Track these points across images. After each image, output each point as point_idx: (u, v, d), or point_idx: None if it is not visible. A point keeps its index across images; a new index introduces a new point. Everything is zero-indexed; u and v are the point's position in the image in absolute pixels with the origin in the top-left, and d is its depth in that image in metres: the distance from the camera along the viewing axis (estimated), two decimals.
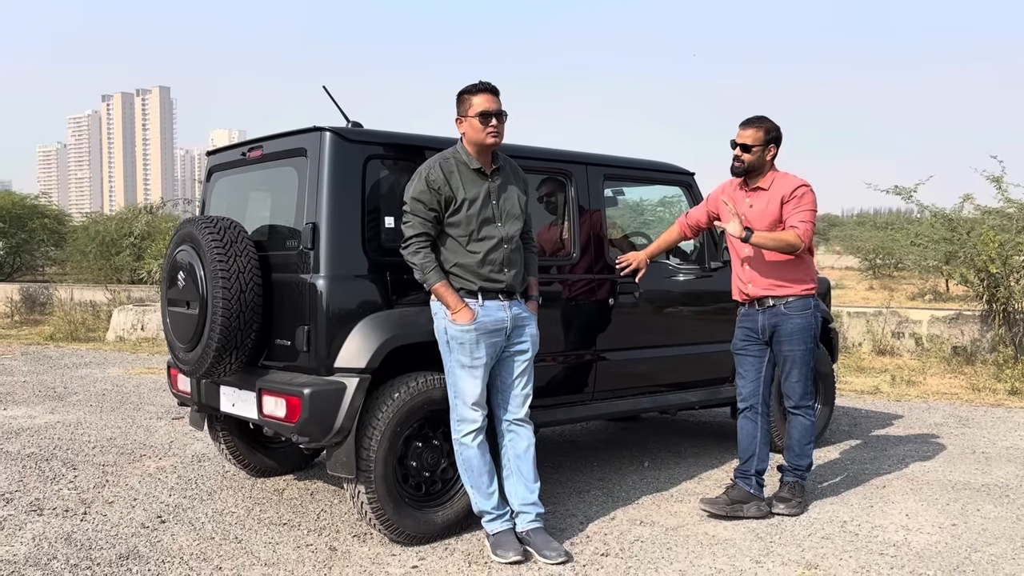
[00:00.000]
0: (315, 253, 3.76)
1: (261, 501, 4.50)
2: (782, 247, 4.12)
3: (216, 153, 4.71)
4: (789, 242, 4.11)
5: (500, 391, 3.81)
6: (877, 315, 10.58)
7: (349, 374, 3.70)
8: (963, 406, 7.42)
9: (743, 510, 4.22)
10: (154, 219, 18.95)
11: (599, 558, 3.71)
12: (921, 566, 3.63)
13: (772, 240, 4.12)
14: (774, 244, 4.12)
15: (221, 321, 3.80)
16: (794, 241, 4.10)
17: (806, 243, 4.13)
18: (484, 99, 3.65)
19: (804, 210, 4.16)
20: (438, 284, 3.64)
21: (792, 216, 4.16)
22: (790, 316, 4.22)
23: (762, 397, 4.35)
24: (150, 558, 3.68)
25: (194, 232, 3.98)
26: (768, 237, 4.11)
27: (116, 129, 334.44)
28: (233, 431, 4.76)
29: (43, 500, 4.50)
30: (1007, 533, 4.05)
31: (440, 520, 3.91)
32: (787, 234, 4.12)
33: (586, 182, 4.68)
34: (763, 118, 4.29)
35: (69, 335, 12.39)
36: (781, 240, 4.12)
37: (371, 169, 3.89)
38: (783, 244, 4.12)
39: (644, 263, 4.69)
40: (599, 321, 4.65)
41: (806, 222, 4.14)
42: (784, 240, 4.11)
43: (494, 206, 3.71)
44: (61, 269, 22.41)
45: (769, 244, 4.13)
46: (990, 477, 5.04)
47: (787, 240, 4.11)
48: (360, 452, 3.70)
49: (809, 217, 4.16)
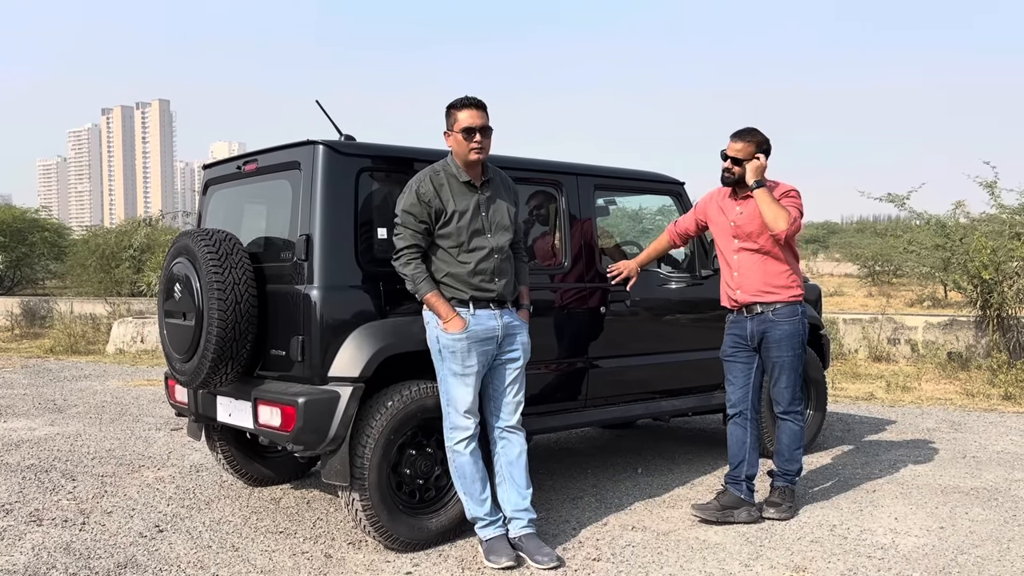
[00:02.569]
0: (309, 264, 3.82)
1: (258, 510, 4.55)
2: (775, 211, 4.15)
3: (212, 167, 4.79)
4: (783, 213, 4.14)
5: (492, 399, 3.87)
6: (873, 321, 10.65)
7: (343, 383, 3.76)
8: (956, 411, 7.47)
9: (734, 515, 4.27)
10: (154, 232, 19.06)
11: (591, 563, 3.75)
12: (908, 568, 3.68)
13: (771, 203, 4.16)
14: (771, 205, 4.15)
15: (217, 332, 3.86)
16: (785, 215, 4.14)
17: (792, 228, 4.17)
18: (469, 114, 3.72)
19: (793, 206, 4.25)
20: (429, 294, 3.71)
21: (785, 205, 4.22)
22: (778, 322, 4.29)
23: (751, 403, 4.40)
24: (148, 567, 3.73)
25: (190, 244, 4.04)
26: (770, 199, 4.17)
27: (116, 142, 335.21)
28: (230, 441, 4.82)
29: (42, 510, 4.55)
30: (994, 535, 4.10)
31: (434, 527, 3.96)
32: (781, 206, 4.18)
33: (576, 192, 4.74)
34: (753, 130, 4.35)
35: (69, 348, 12.45)
36: (779, 207, 4.16)
37: (363, 181, 3.96)
38: (778, 209, 4.15)
39: (635, 271, 4.76)
40: (591, 329, 4.71)
41: (795, 210, 4.23)
42: (780, 209, 4.15)
43: (484, 218, 3.78)
44: (61, 282, 22.49)
45: (768, 203, 4.16)
46: (979, 481, 5.09)
47: (783, 211, 4.15)
48: (354, 460, 3.76)
49: (796, 213, 4.24)
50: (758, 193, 4.19)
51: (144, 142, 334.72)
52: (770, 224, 4.16)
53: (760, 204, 4.19)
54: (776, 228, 4.15)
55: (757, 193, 4.20)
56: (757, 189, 4.20)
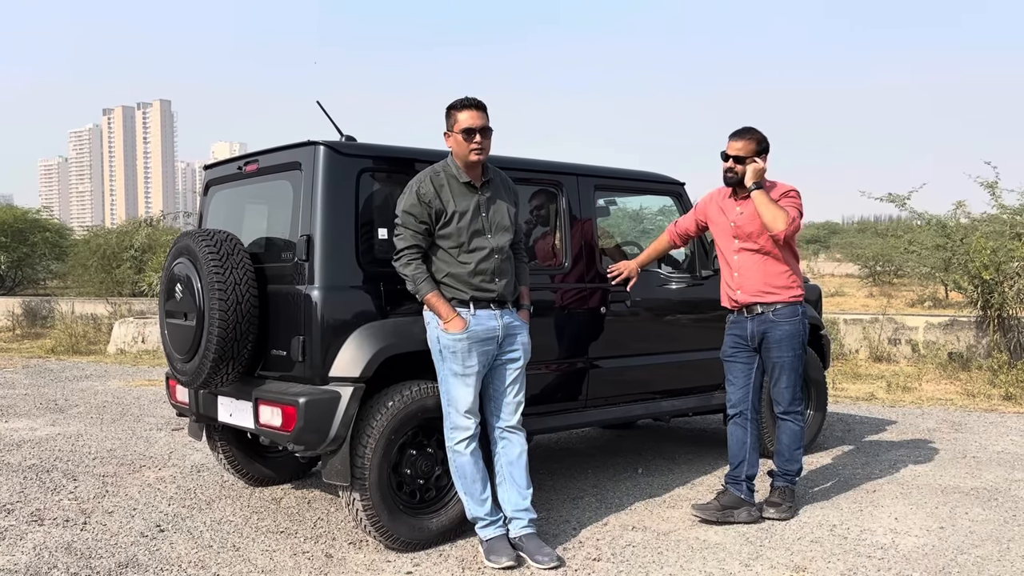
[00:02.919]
0: (310, 264, 3.83)
1: (259, 510, 4.56)
2: (774, 211, 4.16)
3: (213, 167, 4.79)
4: (781, 213, 4.16)
5: (493, 399, 3.88)
6: (874, 322, 10.65)
7: (344, 383, 3.77)
8: (957, 411, 7.47)
9: (734, 515, 4.28)
10: (155, 232, 19.06)
11: (591, 563, 3.76)
12: (907, 568, 3.68)
13: (768, 204, 4.18)
14: (769, 206, 4.17)
15: (218, 332, 3.87)
16: (783, 216, 4.15)
17: (790, 228, 4.18)
18: (469, 115, 3.73)
19: (792, 206, 4.26)
20: (430, 294, 3.72)
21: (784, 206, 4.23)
22: (778, 323, 4.29)
23: (751, 403, 4.41)
24: (149, 566, 3.74)
25: (191, 245, 4.05)
26: (767, 200, 4.19)
27: (117, 142, 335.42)
28: (231, 441, 4.83)
29: (44, 510, 4.56)
30: (994, 535, 4.10)
31: (434, 526, 3.96)
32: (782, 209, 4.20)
33: (577, 192, 4.75)
34: (752, 129, 4.36)
35: (70, 348, 12.47)
36: (777, 208, 4.18)
37: (364, 182, 3.97)
38: (776, 210, 4.17)
39: (635, 272, 4.76)
40: (591, 329, 4.71)
41: (794, 210, 4.24)
42: (779, 210, 4.17)
43: (484, 218, 3.79)
44: (62, 282, 22.50)
45: (766, 204, 4.18)
46: (980, 481, 5.10)
47: (781, 211, 4.17)
48: (355, 460, 3.76)
49: (795, 213, 4.24)
50: (756, 195, 4.21)
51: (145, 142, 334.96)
52: (769, 225, 4.17)
53: (758, 206, 4.20)
54: (775, 229, 4.16)
55: (755, 195, 4.21)
56: (755, 191, 4.21)
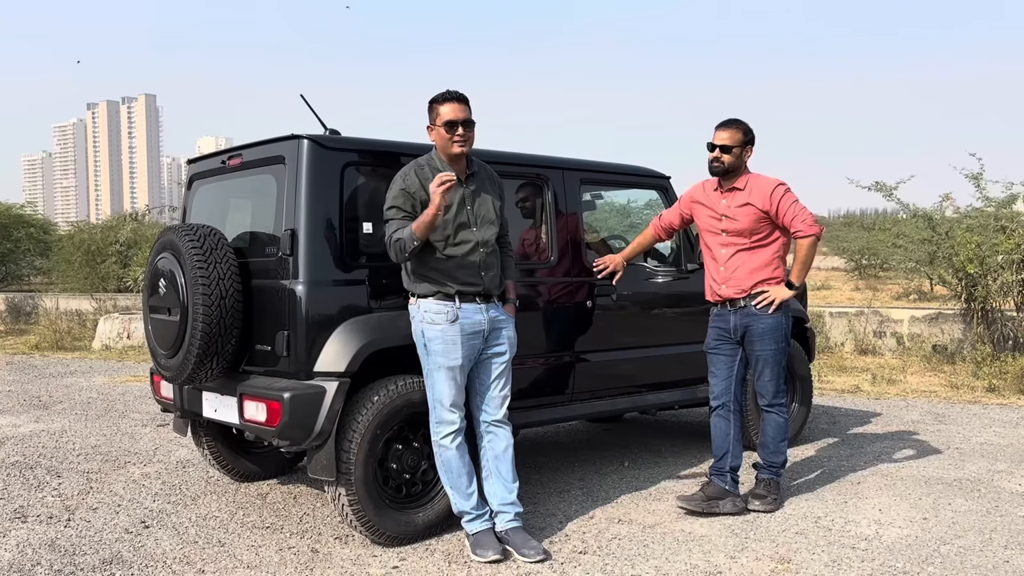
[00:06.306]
0: (294, 259, 3.81)
1: (244, 505, 4.55)
2: (811, 253, 4.34)
3: (197, 161, 4.76)
4: (810, 245, 4.30)
5: (478, 393, 3.87)
6: (859, 315, 10.70)
7: (329, 378, 3.76)
8: (941, 403, 7.53)
9: (719, 506, 4.30)
10: (140, 226, 18.95)
11: (577, 556, 3.77)
12: (891, 559, 3.71)
13: (803, 263, 4.36)
14: (807, 260, 4.36)
15: (202, 327, 3.85)
16: (811, 239, 4.28)
17: (816, 229, 4.28)
18: (451, 108, 3.72)
19: (794, 207, 4.26)
20: (413, 224, 3.60)
21: (791, 220, 4.25)
22: (761, 316, 4.30)
23: (734, 395, 4.43)
24: (133, 563, 3.72)
25: (174, 239, 4.02)
26: (801, 264, 4.36)
27: (102, 137, 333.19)
28: (216, 436, 4.81)
29: (27, 507, 4.54)
30: (976, 526, 4.13)
31: (421, 521, 3.96)
32: (802, 244, 4.32)
33: (563, 186, 4.75)
34: (738, 120, 4.37)
35: (55, 344, 12.37)
36: (806, 255, 4.34)
37: (348, 176, 3.95)
38: (809, 253, 4.34)
39: (621, 266, 4.77)
40: (577, 323, 4.72)
41: (802, 212, 4.27)
42: (807, 251, 4.32)
43: (469, 211, 3.78)
44: (47, 278, 22.36)
45: (807, 264, 4.37)
46: (962, 472, 5.14)
47: (807, 248, 4.31)
48: (340, 455, 3.76)
49: (800, 209, 4.27)
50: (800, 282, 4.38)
51: (130, 137, 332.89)
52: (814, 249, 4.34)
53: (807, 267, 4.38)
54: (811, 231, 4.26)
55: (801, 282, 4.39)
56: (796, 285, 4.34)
